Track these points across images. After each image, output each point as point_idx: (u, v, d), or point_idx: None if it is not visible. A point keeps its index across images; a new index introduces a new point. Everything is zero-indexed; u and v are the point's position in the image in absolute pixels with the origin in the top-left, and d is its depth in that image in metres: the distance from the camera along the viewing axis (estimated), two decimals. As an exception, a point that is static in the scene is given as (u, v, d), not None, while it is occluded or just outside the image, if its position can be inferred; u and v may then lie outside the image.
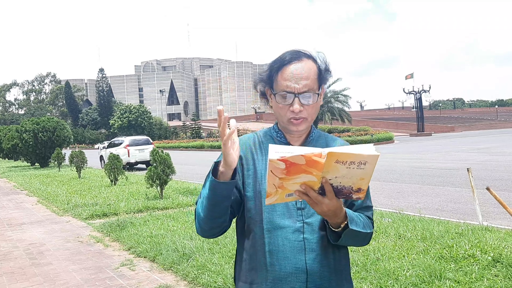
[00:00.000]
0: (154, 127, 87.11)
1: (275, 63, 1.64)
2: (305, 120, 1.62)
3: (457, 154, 22.01)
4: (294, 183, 1.29)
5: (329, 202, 1.35)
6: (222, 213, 1.55)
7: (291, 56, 1.61)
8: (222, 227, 1.61)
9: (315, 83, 1.61)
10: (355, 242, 1.61)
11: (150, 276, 5.29)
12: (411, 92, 59.56)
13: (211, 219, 1.56)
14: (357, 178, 1.27)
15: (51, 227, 8.57)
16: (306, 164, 1.23)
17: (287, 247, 1.58)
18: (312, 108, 1.62)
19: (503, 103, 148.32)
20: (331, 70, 1.68)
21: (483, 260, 4.69)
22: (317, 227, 1.59)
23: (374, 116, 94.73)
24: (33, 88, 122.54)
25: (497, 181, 11.59)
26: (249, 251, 1.65)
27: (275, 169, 1.24)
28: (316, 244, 1.58)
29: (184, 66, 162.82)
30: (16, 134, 27.91)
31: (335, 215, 1.43)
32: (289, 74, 1.58)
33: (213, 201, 1.51)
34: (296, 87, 1.57)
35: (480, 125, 74.44)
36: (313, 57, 1.64)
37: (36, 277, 5.50)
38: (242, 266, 1.69)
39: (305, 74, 1.58)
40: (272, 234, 1.59)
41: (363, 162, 1.22)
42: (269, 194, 1.30)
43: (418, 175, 14.12)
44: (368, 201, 1.71)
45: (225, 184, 1.47)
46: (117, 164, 14.32)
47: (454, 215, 7.87)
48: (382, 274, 4.48)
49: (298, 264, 1.57)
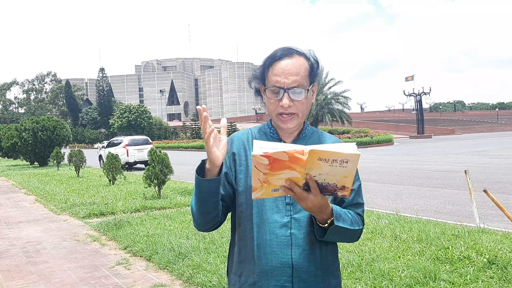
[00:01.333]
0: (154, 127, 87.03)
1: (267, 60, 1.67)
2: (296, 116, 1.63)
3: (456, 157, 22.01)
4: (279, 179, 1.30)
5: (314, 198, 1.36)
6: (212, 208, 1.57)
7: (282, 52, 1.64)
8: (215, 222, 1.64)
9: (305, 80, 1.62)
10: (343, 238, 1.62)
11: (145, 275, 5.29)
12: (412, 94, 59.56)
13: (202, 214, 1.60)
14: (341, 176, 1.29)
15: (48, 226, 8.57)
16: (289, 161, 1.25)
17: (274, 242, 1.61)
18: (302, 105, 1.63)
19: (503, 105, 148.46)
20: (323, 67, 1.70)
21: (478, 262, 4.69)
22: (305, 222, 1.61)
23: (374, 118, 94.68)
24: (33, 87, 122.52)
25: (496, 183, 11.59)
26: (239, 244, 1.69)
27: (259, 165, 1.26)
28: (302, 240, 1.61)
29: (185, 66, 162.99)
30: (16, 132, 27.91)
31: (320, 211, 1.44)
32: (279, 69, 1.61)
33: (200, 198, 1.55)
34: (286, 82, 1.59)
35: (480, 128, 74.51)
36: (305, 54, 1.66)
37: (31, 275, 5.50)
38: (234, 259, 1.73)
39: (295, 70, 1.60)
40: (261, 228, 1.62)
41: (345, 161, 1.24)
42: (254, 189, 1.33)
43: (417, 177, 14.12)
44: (359, 198, 1.72)
45: (208, 181, 1.50)
46: (115, 163, 14.32)
47: (451, 217, 7.86)
48: (377, 275, 4.47)
49: (284, 259, 1.60)
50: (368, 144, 40.60)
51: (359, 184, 1.74)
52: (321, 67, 1.70)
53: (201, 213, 1.59)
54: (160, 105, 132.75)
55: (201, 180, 1.50)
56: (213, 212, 1.59)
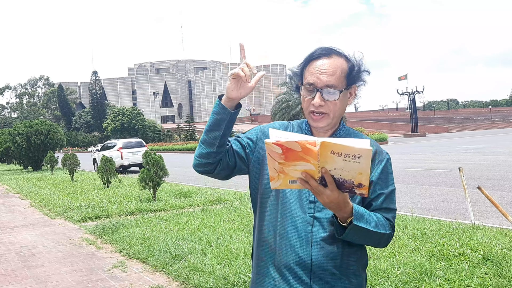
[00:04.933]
0: (147, 129, 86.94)
1: (306, 58, 1.69)
2: (326, 116, 1.64)
3: (450, 154, 22.11)
4: (295, 170, 1.31)
5: (330, 194, 1.36)
6: (210, 142, 1.65)
7: (321, 52, 1.65)
8: (207, 162, 1.69)
9: (341, 81, 1.63)
10: (366, 240, 1.60)
11: (142, 277, 5.28)
12: (405, 93, 59.71)
13: (202, 143, 1.67)
14: (355, 172, 1.28)
15: (43, 230, 8.54)
16: (303, 152, 1.26)
17: (294, 236, 1.63)
18: (334, 105, 1.63)
19: (496, 103, 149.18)
20: (368, 71, 1.70)
21: (473, 258, 4.72)
22: (326, 221, 1.61)
23: (368, 118, 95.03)
24: (26, 91, 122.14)
25: (490, 180, 11.66)
26: (261, 228, 1.74)
27: (272, 153, 1.28)
28: (323, 238, 1.61)
29: (178, 68, 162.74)
30: (9, 137, 27.81)
31: (339, 208, 1.44)
32: (315, 68, 1.63)
33: (212, 122, 1.64)
34: (319, 81, 1.61)
35: (474, 126, 74.83)
36: (345, 55, 1.66)
37: (28, 279, 5.48)
38: (254, 239, 1.81)
39: (331, 70, 1.61)
40: (284, 219, 1.65)
41: (357, 156, 1.24)
42: (272, 178, 1.35)
43: (412, 175, 14.17)
44: (391, 204, 1.70)
45: (223, 108, 1.63)
46: (110, 166, 14.29)
47: (446, 214, 7.90)
48: (373, 273, 4.49)
49: (302, 254, 1.61)
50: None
51: (392, 190, 1.71)
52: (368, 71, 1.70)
53: (203, 141, 1.66)
54: (153, 107, 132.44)
55: (218, 103, 1.63)
56: (212, 146, 1.64)
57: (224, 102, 1.62)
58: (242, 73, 1.56)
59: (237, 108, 1.65)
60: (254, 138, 1.77)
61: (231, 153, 1.72)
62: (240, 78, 1.57)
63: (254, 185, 1.79)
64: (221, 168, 1.71)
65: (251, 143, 1.76)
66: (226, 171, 1.74)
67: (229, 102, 1.62)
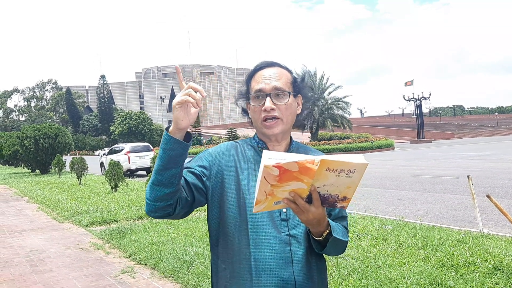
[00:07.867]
0: (155, 133, 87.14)
1: (250, 71, 1.72)
2: (280, 121, 1.63)
3: (457, 161, 22.00)
4: (283, 191, 1.29)
5: (315, 210, 1.35)
6: (168, 182, 1.47)
7: (263, 64, 1.70)
8: (166, 204, 1.51)
9: (287, 86, 1.66)
10: (336, 251, 1.62)
11: (150, 283, 5.29)
12: (411, 99, 59.52)
13: (157, 185, 1.48)
14: (345, 186, 1.29)
15: (51, 234, 8.57)
16: (299, 171, 1.23)
17: (273, 258, 1.57)
18: (285, 109, 1.64)
19: (502, 110, 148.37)
20: (311, 87, 1.73)
21: (483, 268, 4.69)
22: (302, 238, 1.60)
23: (375, 123, 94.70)
24: (34, 94, 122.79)
25: (497, 188, 11.59)
26: (233, 259, 1.61)
27: (269, 176, 1.23)
28: (301, 256, 1.59)
29: (185, 73, 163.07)
30: (17, 140, 27.93)
31: (319, 224, 1.44)
32: (261, 76, 1.66)
33: (162, 161, 1.47)
34: (267, 87, 1.63)
35: (480, 132, 74.43)
36: (287, 68, 1.72)
37: (36, 284, 5.50)
38: (222, 275, 1.65)
39: (277, 76, 1.66)
40: (258, 244, 1.58)
41: (352, 171, 1.24)
42: (258, 202, 1.29)
43: (419, 182, 14.12)
44: (345, 212, 1.72)
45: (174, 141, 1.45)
46: (117, 170, 14.31)
47: (454, 222, 7.86)
48: (383, 282, 4.47)
49: (285, 276, 1.56)
50: (369, 149, 40.60)
51: None
52: (308, 81, 1.74)
53: (156, 183, 1.48)
54: (160, 112, 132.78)
55: (170, 138, 1.45)
56: (168, 187, 1.47)
57: (175, 134, 1.45)
58: (191, 99, 1.43)
59: (188, 137, 1.50)
60: (207, 165, 1.67)
61: (187, 187, 1.59)
62: (189, 104, 1.45)
63: (214, 214, 1.66)
64: (181, 207, 1.56)
65: (205, 171, 1.65)
66: (185, 208, 1.60)
67: (179, 133, 1.46)
